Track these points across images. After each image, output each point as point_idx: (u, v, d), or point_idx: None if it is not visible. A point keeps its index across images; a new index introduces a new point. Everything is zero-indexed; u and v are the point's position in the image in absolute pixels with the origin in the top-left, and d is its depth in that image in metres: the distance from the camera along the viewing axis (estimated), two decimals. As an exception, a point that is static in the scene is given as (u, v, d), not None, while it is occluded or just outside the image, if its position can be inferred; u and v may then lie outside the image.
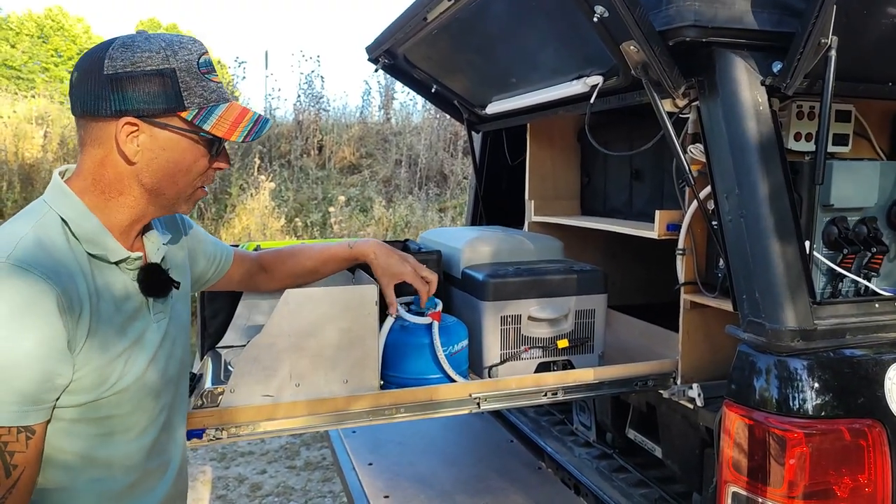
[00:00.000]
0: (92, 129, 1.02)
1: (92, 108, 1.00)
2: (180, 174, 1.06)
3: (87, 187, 1.04)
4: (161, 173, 1.05)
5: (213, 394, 1.42)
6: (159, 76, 1.00)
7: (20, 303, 0.89)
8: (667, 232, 1.66)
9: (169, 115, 1.03)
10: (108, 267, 1.04)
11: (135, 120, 1.01)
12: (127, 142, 1.01)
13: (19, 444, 0.90)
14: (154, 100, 1.01)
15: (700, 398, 1.58)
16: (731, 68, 1.36)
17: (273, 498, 3.58)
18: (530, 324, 1.68)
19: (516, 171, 2.62)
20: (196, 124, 1.04)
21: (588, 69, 1.68)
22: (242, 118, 1.08)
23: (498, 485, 1.97)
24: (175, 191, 1.08)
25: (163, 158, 1.04)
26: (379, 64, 2.44)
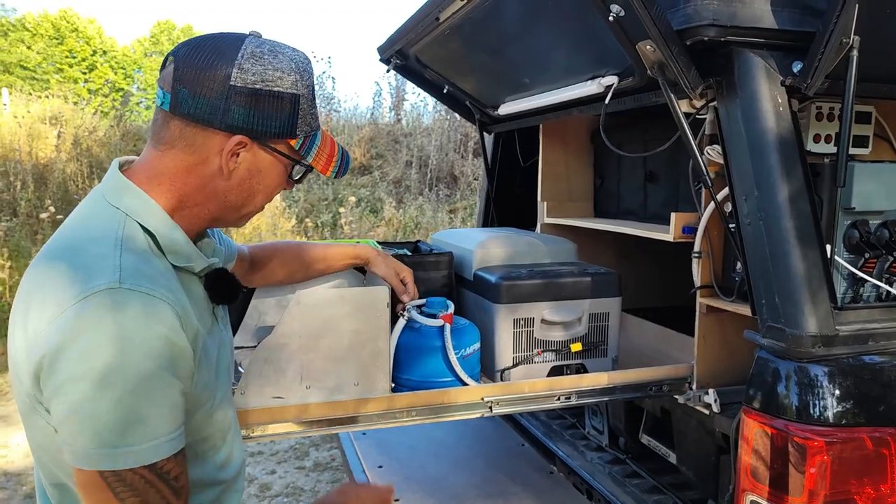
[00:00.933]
0: (192, 133, 0.93)
1: (205, 114, 0.91)
2: (262, 194, 1.01)
3: (162, 191, 0.95)
4: (248, 193, 0.99)
5: (224, 395, 1.41)
6: (286, 101, 0.94)
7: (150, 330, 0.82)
8: (682, 234, 1.63)
9: (279, 140, 0.97)
10: (191, 278, 0.98)
11: (244, 139, 0.94)
12: (226, 159, 0.94)
13: (179, 467, 0.87)
14: (273, 124, 0.95)
15: (716, 404, 1.55)
16: (751, 68, 1.34)
17: (283, 498, 3.58)
18: (543, 327, 1.66)
19: (528, 173, 2.60)
20: (301, 153, 1.00)
21: (603, 69, 1.66)
22: (334, 151, 1.05)
23: (509, 489, 1.94)
24: (250, 209, 1.02)
25: (256, 179, 0.98)
26: (391, 64, 2.43)
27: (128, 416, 0.80)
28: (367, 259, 1.59)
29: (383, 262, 1.58)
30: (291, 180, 1.04)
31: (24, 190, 7.65)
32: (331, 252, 1.58)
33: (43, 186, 7.92)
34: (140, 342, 0.81)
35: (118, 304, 0.81)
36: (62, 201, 7.69)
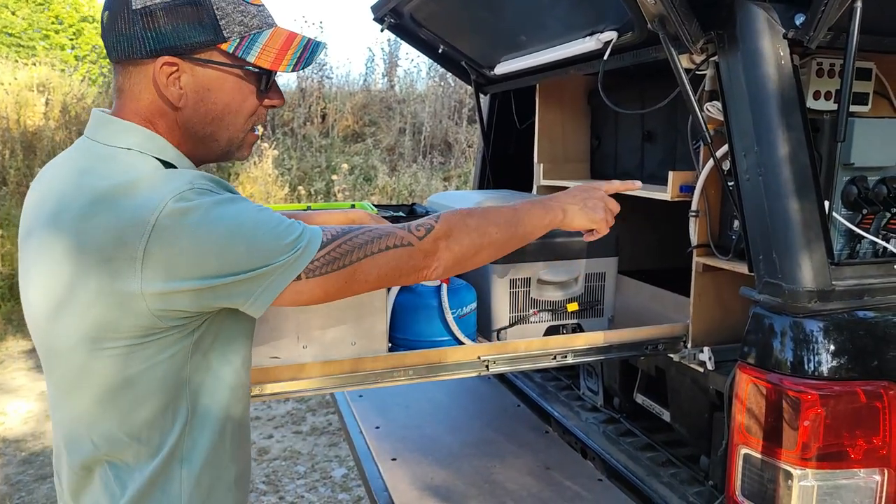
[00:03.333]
0: (130, 73, 0.92)
1: (126, 50, 0.90)
2: (230, 116, 0.96)
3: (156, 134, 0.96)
4: (210, 117, 0.95)
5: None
6: (192, 5, 0.89)
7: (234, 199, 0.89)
8: (680, 193, 1.62)
9: (209, 50, 0.92)
10: None
11: (173, 59, 0.90)
12: (168, 85, 0.91)
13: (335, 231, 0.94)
14: (190, 33, 0.90)
15: (711, 361, 1.56)
16: (753, 21, 1.31)
17: (280, 462, 3.62)
18: (540, 287, 1.66)
19: (524, 135, 2.57)
20: (239, 56, 0.94)
21: (601, 25, 1.63)
22: (290, 44, 0.96)
23: (505, 448, 1.97)
24: (227, 136, 0.98)
25: (209, 100, 0.94)
26: (384, 24, 2.38)
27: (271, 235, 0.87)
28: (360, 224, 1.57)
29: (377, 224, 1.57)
30: (261, 93, 0.99)
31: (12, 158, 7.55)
32: (325, 220, 1.54)
33: (32, 155, 7.82)
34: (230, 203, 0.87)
35: (200, 195, 0.85)
36: (52, 169, 7.59)
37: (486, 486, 1.78)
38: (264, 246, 0.87)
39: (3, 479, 3.36)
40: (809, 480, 1.20)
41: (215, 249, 0.84)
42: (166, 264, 0.83)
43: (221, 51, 0.93)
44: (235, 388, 1.02)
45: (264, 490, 3.35)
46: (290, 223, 0.90)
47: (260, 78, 0.97)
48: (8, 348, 5.21)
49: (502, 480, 1.79)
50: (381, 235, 0.96)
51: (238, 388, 1.03)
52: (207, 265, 0.84)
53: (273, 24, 0.98)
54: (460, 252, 1.04)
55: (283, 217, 0.91)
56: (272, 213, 0.90)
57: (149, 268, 0.82)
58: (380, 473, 1.81)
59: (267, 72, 0.97)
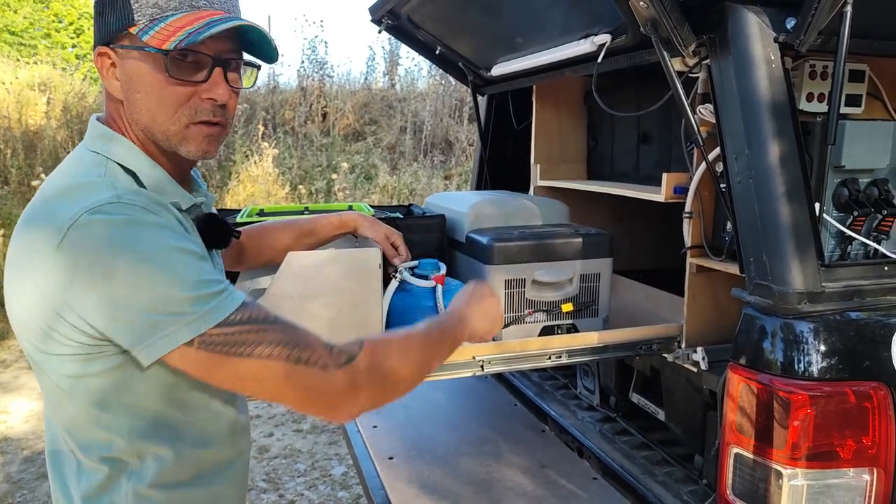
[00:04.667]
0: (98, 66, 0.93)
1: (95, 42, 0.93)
2: (153, 104, 0.89)
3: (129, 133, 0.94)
4: (143, 108, 0.90)
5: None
6: None
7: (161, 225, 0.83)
8: (674, 195, 1.63)
9: (123, 35, 0.89)
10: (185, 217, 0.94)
11: (104, 49, 0.90)
12: (109, 77, 0.90)
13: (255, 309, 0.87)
14: (111, 20, 0.88)
15: (704, 361, 1.57)
16: (744, 24, 1.33)
17: (281, 460, 3.64)
18: (535, 287, 1.67)
19: (522, 136, 2.58)
20: (139, 38, 0.87)
21: (596, 28, 1.64)
22: (177, 29, 0.86)
23: (502, 447, 1.98)
24: (160, 127, 0.91)
25: (136, 88, 0.89)
26: (382, 25, 2.39)
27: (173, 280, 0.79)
28: (354, 226, 1.56)
29: (371, 226, 1.57)
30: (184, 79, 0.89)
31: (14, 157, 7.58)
32: (318, 225, 1.53)
33: (33, 154, 7.84)
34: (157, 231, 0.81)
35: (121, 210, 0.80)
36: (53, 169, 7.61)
37: (482, 485, 1.80)
38: (168, 289, 0.79)
39: (5, 477, 3.39)
40: (799, 480, 1.21)
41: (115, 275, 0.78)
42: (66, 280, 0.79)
43: (131, 35, 0.88)
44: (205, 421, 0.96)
45: (264, 488, 3.37)
46: (210, 280, 0.82)
47: (179, 65, 0.88)
48: (10, 347, 5.24)
49: (498, 479, 1.81)
50: (300, 343, 0.86)
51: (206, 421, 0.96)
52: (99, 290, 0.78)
53: (197, 7, 0.89)
54: (380, 394, 0.96)
55: (209, 270, 0.84)
56: (196, 259, 0.83)
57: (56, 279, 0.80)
58: (377, 472, 1.83)
59: (160, 51, 0.87)
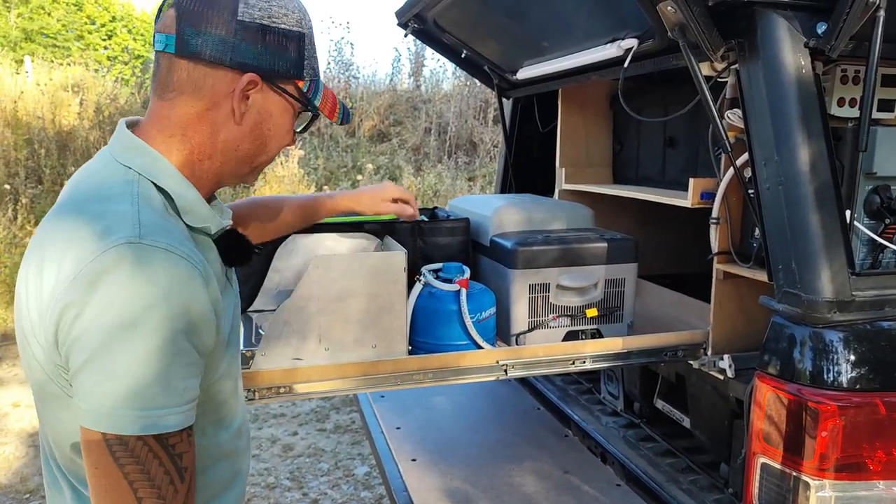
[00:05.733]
0: (202, 75, 0.88)
1: (214, 51, 0.87)
2: (275, 142, 0.96)
3: (174, 145, 0.90)
4: (261, 139, 0.94)
5: (246, 356, 1.45)
6: (293, 38, 0.91)
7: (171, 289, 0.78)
8: (700, 201, 1.62)
9: (287, 81, 0.94)
10: (206, 240, 0.93)
11: (257, 78, 0.90)
12: (241, 99, 0.90)
13: (185, 445, 0.81)
14: (282, 62, 0.91)
15: (731, 369, 1.56)
16: (774, 29, 1.31)
17: (304, 458, 3.68)
18: (559, 292, 1.67)
19: (547, 139, 2.58)
20: (309, 97, 0.96)
21: (622, 32, 1.63)
22: (336, 99, 1.01)
23: (524, 451, 1.98)
24: (263, 159, 0.97)
25: (268, 124, 0.94)
26: (408, 29, 2.41)
27: (141, 376, 0.76)
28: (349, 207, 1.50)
29: (368, 198, 1.51)
30: (294, 131, 0.99)
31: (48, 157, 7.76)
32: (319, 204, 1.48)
33: (66, 154, 8.02)
34: (162, 300, 0.77)
35: (140, 259, 0.77)
36: (85, 169, 7.78)
37: (504, 489, 1.80)
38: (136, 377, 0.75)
39: (37, 469, 3.47)
40: (827, 491, 1.20)
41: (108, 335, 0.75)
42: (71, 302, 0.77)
43: (297, 86, 0.95)
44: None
45: (288, 486, 3.41)
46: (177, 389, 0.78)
47: (306, 120, 1.00)
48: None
49: (520, 484, 1.81)
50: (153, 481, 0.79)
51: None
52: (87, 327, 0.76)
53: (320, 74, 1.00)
54: None
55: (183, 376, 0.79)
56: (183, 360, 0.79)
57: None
58: (400, 474, 1.84)
59: (315, 116, 1.00)
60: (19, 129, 8.17)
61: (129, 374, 0.75)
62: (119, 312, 0.75)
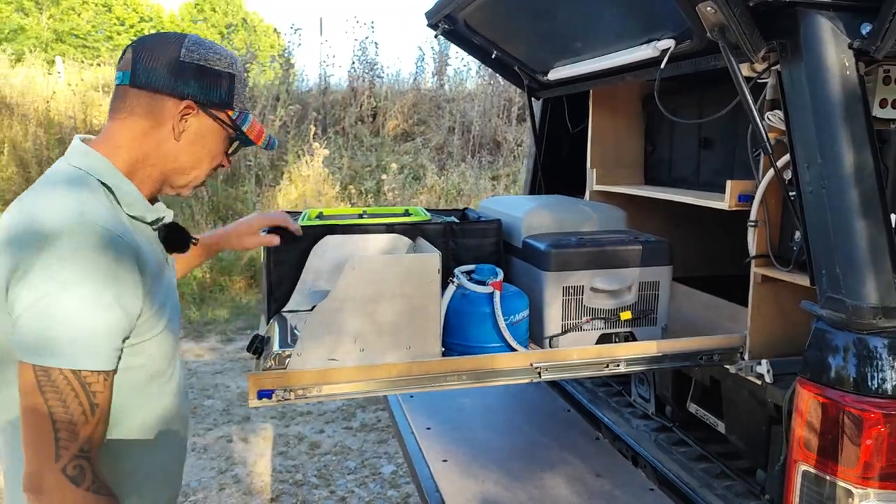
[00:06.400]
0: (149, 100, 1.13)
1: (160, 85, 1.12)
2: (206, 160, 1.21)
3: (121, 154, 1.14)
4: (194, 156, 1.19)
5: (282, 357, 1.47)
6: (224, 77, 1.17)
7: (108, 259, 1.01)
8: (738, 203, 1.60)
9: (219, 110, 1.18)
10: (144, 227, 1.17)
11: (194, 105, 1.15)
12: (180, 121, 1.15)
13: (100, 386, 1.02)
14: (215, 94, 1.16)
15: (769, 375, 1.54)
16: (817, 30, 1.29)
17: (331, 457, 3.71)
18: (592, 295, 1.66)
19: (577, 139, 2.56)
20: (237, 123, 1.20)
21: (658, 32, 1.61)
22: (262, 130, 1.26)
23: (555, 454, 1.97)
24: (196, 174, 1.21)
25: (202, 143, 1.19)
26: (438, 30, 2.41)
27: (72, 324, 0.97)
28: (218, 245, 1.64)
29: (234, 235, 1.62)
30: (227, 155, 1.25)
31: (80, 157, 7.88)
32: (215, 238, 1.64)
33: (98, 153, 8.15)
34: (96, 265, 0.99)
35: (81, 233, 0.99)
36: (116, 168, 7.91)
37: (535, 493, 1.80)
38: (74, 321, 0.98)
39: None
40: (871, 500, 1.17)
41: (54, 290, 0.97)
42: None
43: (227, 115, 1.20)
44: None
45: (316, 483, 3.44)
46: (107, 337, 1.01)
47: (231, 143, 1.24)
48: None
49: (552, 486, 1.80)
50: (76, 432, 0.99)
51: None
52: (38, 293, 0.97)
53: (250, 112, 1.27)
54: None
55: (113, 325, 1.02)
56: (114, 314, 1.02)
57: None
58: (431, 474, 1.85)
59: (242, 141, 1.24)
60: (52, 129, 8.34)
61: (62, 321, 0.97)
62: (59, 272, 0.97)
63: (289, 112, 8.98)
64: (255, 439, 3.90)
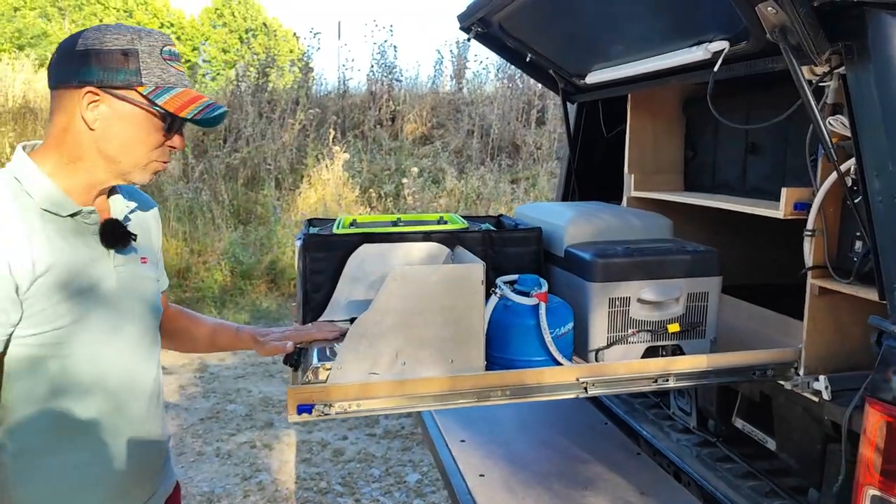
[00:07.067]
0: (60, 98, 1.15)
1: (62, 79, 1.14)
2: (135, 145, 1.17)
3: (50, 152, 1.17)
4: (117, 142, 1.16)
5: (322, 370, 1.42)
6: (123, 54, 1.14)
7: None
8: (794, 211, 1.53)
9: (127, 89, 1.14)
10: (64, 220, 1.16)
11: (96, 90, 1.13)
12: (87, 110, 1.13)
13: None
14: (115, 73, 1.13)
15: (827, 391, 1.47)
16: (886, 31, 1.22)
17: (355, 464, 3.67)
18: (639, 306, 1.60)
19: (612, 145, 2.51)
20: (150, 99, 1.15)
21: (710, 34, 1.56)
22: (195, 101, 1.19)
23: (595, 469, 1.91)
24: (130, 161, 1.18)
25: (118, 128, 1.15)
26: (471, 33, 2.37)
27: None
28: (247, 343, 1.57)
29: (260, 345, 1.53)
30: (168, 134, 1.19)
31: (102, 160, 7.94)
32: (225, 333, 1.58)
33: (120, 157, 8.20)
34: None
35: None
36: (138, 171, 7.97)
37: (578, 509, 1.74)
38: None
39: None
40: (950, 529, 1.11)
41: None
42: None
43: (138, 92, 1.15)
44: None
45: (340, 492, 3.40)
46: None
47: (166, 121, 1.18)
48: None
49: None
50: None
51: None
52: None
53: (188, 86, 1.21)
54: None
55: None
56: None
57: None
58: (469, 489, 1.79)
59: (172, 116, 1.17)
60: (75, 133, 8.40)
61: None
62: None
63: (308, 116, 8.98)
64: (278, 445, 3.87)
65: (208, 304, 6.41)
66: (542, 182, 8.99)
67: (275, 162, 8.53)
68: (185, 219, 7.45)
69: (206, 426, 4.11)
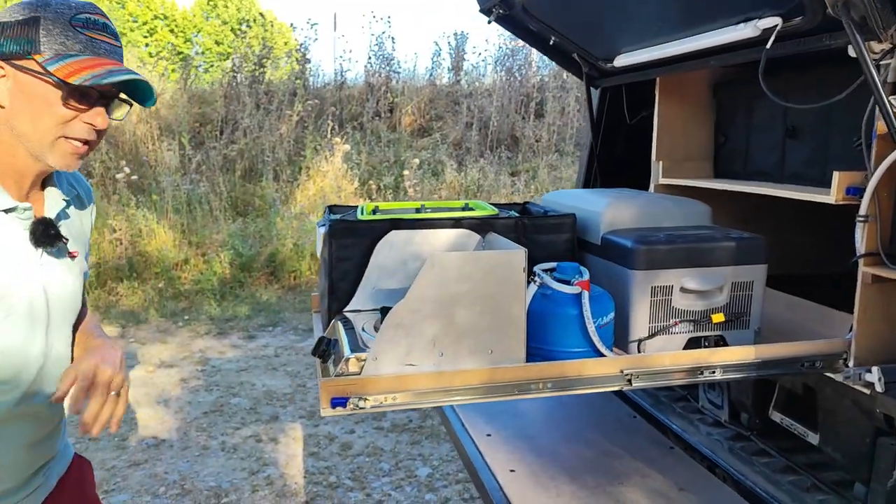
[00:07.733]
0: None
1: None
2: (38, 118, 1.09)
3: None
4: (23, 116, 1.09)
5: (355, 361, 1.36)
6: (22, 24, 1.08)
7: None
8: (846, 196, 1.47)
9: (26, 59, 1.08)
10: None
11: (1, 63, 1.07)
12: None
13: None
14: (17, 44, 1.07)
15: (880, 383, 1.41)
16: (958, 4, 1.16)
17: (364, 458, 3.60)
18: (681, 296, 1.54)
19: (635, 131, 2.44)
20: (44, 67, 1.07)
21: (760, 9, 1.49)
22: (92, 67, 1.08)
23: (629, 464, 1.85)
24: (37, 137, 1.10)
25: (22, 101, 1.09)
26: (492, 15, 2.29)
27: None
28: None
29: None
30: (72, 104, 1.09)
31: (97, 151, 7.83)
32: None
33: (115, 148, 8.09)
34: None
35: None
36: (133, 162, 7.86)
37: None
38: None
39: (99, 463, 3.46)
40: None
41: None
42: None
43: (36, 61, 1.07)
44: None
45: (350, 486, 3.33)
46: None
47: (72, 92, 1.08)
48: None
49: (634, 501, 1.68)
50: None
51: None
52: None
53: (99, 54, 1.11)
54: None
55: None
56: None
57: None
58: (499, 486, 1.73)
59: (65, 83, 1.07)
60: (69, 124, 8.27)
61: None
62: None
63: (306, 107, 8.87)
64: (284, 439, 3.80)
65: (208, 297, 6.32)
66: (542, 174, 8.92)
67: (273, 154, 8.42)
68: (182, 210, 7.35)
69: (210, 420, 4.04)
